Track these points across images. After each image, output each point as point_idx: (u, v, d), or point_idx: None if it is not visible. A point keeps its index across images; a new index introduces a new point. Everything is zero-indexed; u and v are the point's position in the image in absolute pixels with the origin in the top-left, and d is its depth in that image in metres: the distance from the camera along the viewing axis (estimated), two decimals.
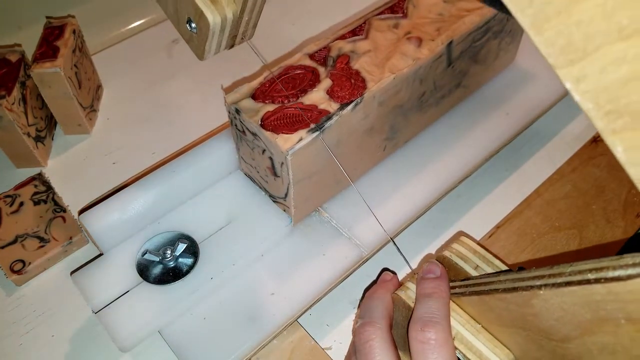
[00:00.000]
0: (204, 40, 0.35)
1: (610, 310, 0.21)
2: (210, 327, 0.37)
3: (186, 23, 0.35)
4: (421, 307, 0.32)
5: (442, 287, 0.32)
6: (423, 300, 0.32)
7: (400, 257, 0.43)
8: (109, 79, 0.60)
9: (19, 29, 0.59)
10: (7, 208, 0.47)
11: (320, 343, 0.40)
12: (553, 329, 0.24)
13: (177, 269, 0.38)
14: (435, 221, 0.48)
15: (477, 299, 0.30)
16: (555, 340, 0.25)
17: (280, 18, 0.66)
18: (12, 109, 0.46)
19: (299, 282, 0.40)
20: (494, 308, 0.29)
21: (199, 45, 0.36)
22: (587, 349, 0.23)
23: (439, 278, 0.33)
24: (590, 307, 0.21)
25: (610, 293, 0.20)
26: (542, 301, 0.24)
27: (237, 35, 0.34)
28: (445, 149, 0.47)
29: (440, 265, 0.34)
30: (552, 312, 0.24)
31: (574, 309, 0.22)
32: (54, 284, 0.44)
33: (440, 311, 0.31)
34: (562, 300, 0.23)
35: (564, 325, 0.23)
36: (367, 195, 0.44)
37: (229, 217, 0.42)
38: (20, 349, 0.41)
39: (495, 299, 0.28)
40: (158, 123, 0.56)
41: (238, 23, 0.33)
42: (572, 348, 0.24)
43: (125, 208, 0.40)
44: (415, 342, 0.30)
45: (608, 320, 0.21)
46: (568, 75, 0.18)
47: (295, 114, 0.36)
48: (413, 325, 0.31)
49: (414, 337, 0.30)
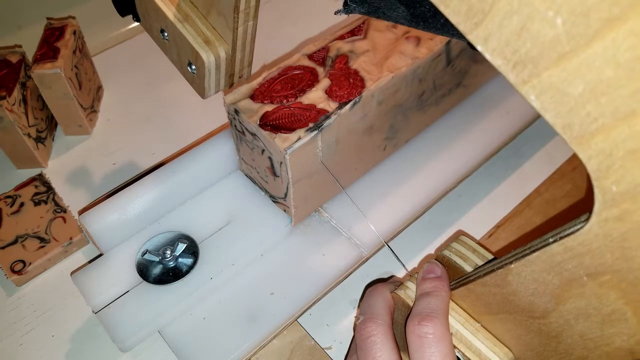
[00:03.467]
0: (203, 79, 0.39)
1: (571, 270, 0.22)
2: (210, 327, 0.37)
3: (187, 66, 0.39)
4: (420, 303, 0.32)
5: (442, 285, 0.32)
6: (422, 298, 0.32)
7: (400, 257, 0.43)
8: (109, 80, 0.60)
9: (19, 29, 0.60)
10: (8, 208, 0.47)
11: (320, 343, 0.40)
12: (533, 306, 0.25)
13: (177, 269, 0.38)
14: (435, 221, 0.48)
15: (465, 290, 0.31)
16: (537, 317, 0.26)
17: (279, 19, 0.66)
18: (12, 110, 0.47)
19: (299, 282, 0.40)
20: (480, 296, 0.29)
21: (199, 85, 0.40)
22: (565, 320, 0.24)
23: (439, 278, 0.33)
24: (555, 271, 0.23)
25: (567, 250, 0.22)
26: (516, 276, 0.25)
27: (234, 74, 0.37)
28: (446, 149, 0.47)
29: (441, 265, 0.34)
30: (527, 286, 0.25)
31: (543, 276, 0.24)
32: (54, 284, 0.45)
33: (439, 307, 0.31)
34: (531, 270, 0.24)
35: (539, 298, 0.25)
36: (367, 194, 0.44)
37: (229, 217, 0.42)
38: (20, 349, 0.41)
39: (478, 285, 0.29)
40: (158, 123, 0.56)
41: (232, 61, 0.36)
42: (553, 323, 0.25)
43: (125, 208, 0.40)
44: (412, 336, 0.30)
45: (573, 282, 0.22)
46: (477, 38, 0.19)
47: (294, 113, 0.36)
48: (411, 319, 0.31)
49: (412, 331, 0.30)
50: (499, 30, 0.18)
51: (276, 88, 0.38)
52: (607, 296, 0.21)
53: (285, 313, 0.38)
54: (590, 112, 0.17)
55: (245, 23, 0.37)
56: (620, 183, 0.18)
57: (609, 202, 0.19)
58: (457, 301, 0.32)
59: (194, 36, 0.37)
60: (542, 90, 0.18)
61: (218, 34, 0.38)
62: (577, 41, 0.16)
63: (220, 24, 0.37)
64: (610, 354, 0.23)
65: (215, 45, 0.37)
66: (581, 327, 0.23)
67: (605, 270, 0.21)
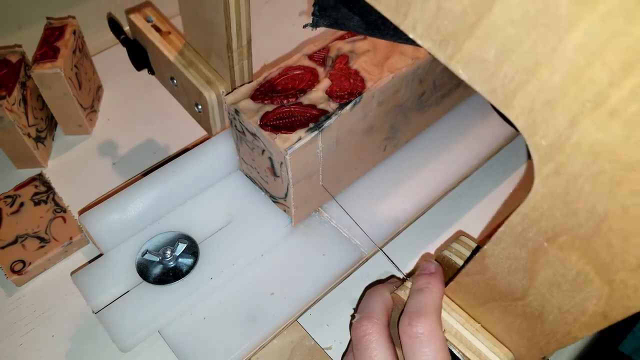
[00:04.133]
0: (208, 116, 0.43)
1: (533, 238, 0.23)
2: (210, 327, 0.37)
3: (195, 106, 0.44)
4: (410, 301, 0.32)
5: (434, 281, 0.33)
6: (413, 295, 0.32)
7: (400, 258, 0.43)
8: (109, 80, 0.60)
9: (19, 29, 0.60)
10: (8, 208, 0.47)
11: (320, 343, 0.40)
12: (511, 286, 0.27)
13: (177, 269, 0.38)
14: (435, 221, 0.48)
15: (455, 285, 0.32)
16: (519, 298, 0.27)
17: (279, 19, 0.66)
18: (12, 110, 0.47)
19: (299, 282, 0.40)
20: (467, 287, 0.30)
21: (206, 122, 0.45)
22: (542, 296, 0.25)
23: (432, 274, 0.33)
24: (520, 243, 0.24)
25: (524, 218, 0.23)
26: (491, 257, 0.27)
27: None
28: (446, 149, 0.47)
29: (435, 263, 0.34)
30: (502, 266, 0.26)
31: (512, 252, 0.25)
32: (54, 284, 0.45)
33: (428, 304, 0.31)
34: (501, 247, 0.25)
35: (515, 276, 0.26)
36: (367, 194, 0.44)
37: (229, 217, 0.42)
38: (20, 349, 0.41)
39: (463, 276, 0.30)
40: (158, 123, 0.56)
41: None
42: (533, 301, 0.26)
43: (125, 208, 0.40)
44: (404, 337, 0.30)
45: (537, 251, 0.23)
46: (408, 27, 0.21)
47: (294, 114, 0.37)
48: (402, 320, 0.31)
49: (403, 331, 0.30)
50: (422, 15, 0.20)
51: (277, 88, 0.38)
52: (569, 259, 0.22)
53: (285, 313, 0.38)
54: (507, 72, 0.19)
55: (241, 62, 0.41)
56: (547, 136, 0.19)
57: (543, 158, 0.20)
58: (453, 298, 0.33)
59: (198, 78, 0.42)
60: (465, 62, 0.20)
61: (218, 74, 0.42)
62: (480, 9, 0.18)
63: (219, 65, 0.42)
64: (588, 323, 0.23)
65: (216, 84, 0.42)
66: (557, 300, 0.24)
67: (560, 230, 0.22)
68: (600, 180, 0.19)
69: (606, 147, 0.18)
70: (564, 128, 0.18)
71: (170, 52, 0.43)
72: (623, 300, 0.21)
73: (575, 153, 0.19)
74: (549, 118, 0.19)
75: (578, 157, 0.19)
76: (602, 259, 0.20)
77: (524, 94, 0.19)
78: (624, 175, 0.18)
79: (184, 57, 0.43)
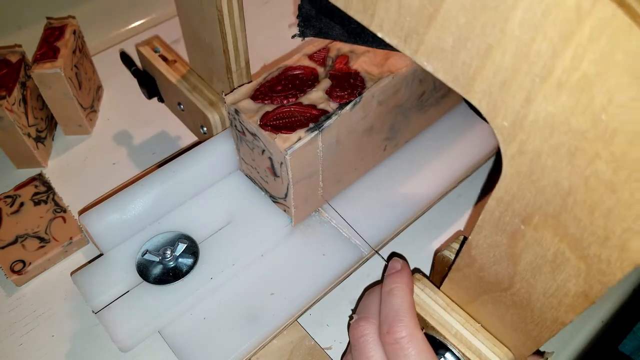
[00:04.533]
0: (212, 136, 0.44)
1: (510, 222, 0.24)
2: (210, 327, 0.37)
3: (200, 128, 0.47)
4: (384, 307, 0.32)
5: (401, 279, 0.33)
6: (385, 300, 0.33)
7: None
8: (109, 80, 0.60)
9: (19, 29, 0.60)
10: (8, 208, 0.47)
11: (320, 343, 0.40)
12: (499, 276, 0.27)
13: (177, 269, 0.38)
14: (435, 221, 0.48)
15: (449, 282, 0.32)
16: (506, 288, 0.27)
17: (280, 18, 0.66)
18: (12, 110, 0.47)
19: (299, 282, 0.40)
20: (459, 283, 0.31)
21: None
22: (527, 282, 0.26)
23: (399, 272, 0.34)
24: (499, 229, 0.25)
25: (499, 202, 0.24)
26: (476, 248, 0.27)
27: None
28: (446, 149, 0.47)
29: (401, 260, 0.35)
30: (487, 255, 0.27)
31: (494, 239, 0.26)
32: (54, 284, 0.45)
33: (402, 306, 0.31)
34: (483, 236, 0.26)
35: (500, 264, 0.27)
36: (367, 194, 0.44)
37: (229, 217, 0.42)
38: (20, 349, 0.41)
39: (454, 271, 0.31)
40: (158, 123, 0.56)
41: None
42: (520, 289, 0.26)
43: (125, 208, 0.40)
44: (387, 346, 0.31)
45: (515, 235, 0.24)
46: (376, 27, 0.23)
47: (294, 114, 0.37)
48: (381, 329, 0.31)
49: (384, 340, 0.31)
50: (386, 13, 0.22)
51: (277, 88, 0.38)
52: (544, 238, 0.23)
53: (285, 313, 0.38)
54: (465, 59, 0.20)
55: (240, 83, 0.43)
56: (507, 117, 0.20)
57: (507, 139, 0.21)
58: (449, 295, 0.33)
59: (201, 101, 0.45)
60: (429, 54, 0.21)
61: (220, 96, 0.45)
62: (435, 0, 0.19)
63: (221, 87, 0.45)
64: (572, 305, 0.24)
65: (219, 106, 0.45)
66: (541, 285, 0.25)
67: (532, 210, 0.22)
68: (559, 154, 0.19)
69: (559, 119, 0.18)
70: (521, 106, 0.19)
71: (176, 78, 0.46)
72: (599, 276, 0.21)
73: (533, 129, 0.20)
74: (506, 99, 0.20)
75: (537, 133, 0.20)
76: (573, 235, 0.21)
77: (482, 79, 0.20)
78: (579, 145, 0.18)
79: (189, 82, 0.46)
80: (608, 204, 0.19)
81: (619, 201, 0.18)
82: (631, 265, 0.20)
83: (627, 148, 0.17)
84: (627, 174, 0.17)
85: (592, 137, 0.18)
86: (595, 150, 0.18)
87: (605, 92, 0.16)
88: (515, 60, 0.18)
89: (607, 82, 0.16)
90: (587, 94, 0.17)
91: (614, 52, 0.16)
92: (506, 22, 0.18)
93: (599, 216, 0.19)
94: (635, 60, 0.15)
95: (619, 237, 0.19)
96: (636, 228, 0.18)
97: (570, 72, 0.17)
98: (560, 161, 0.19)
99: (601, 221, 0.19)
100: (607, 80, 0.16)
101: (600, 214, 0.19)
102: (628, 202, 0.18)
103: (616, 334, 0.59)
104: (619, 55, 0.16)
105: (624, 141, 0.17)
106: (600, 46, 0.16)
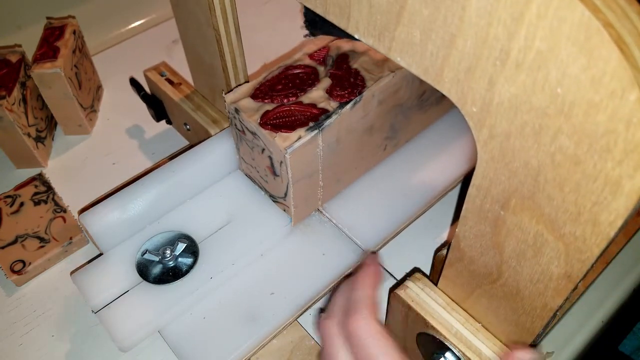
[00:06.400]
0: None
1: (490, 209, 0.24)
2: (210, 327, 0.37)
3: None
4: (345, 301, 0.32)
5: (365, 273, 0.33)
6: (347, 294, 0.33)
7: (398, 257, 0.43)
8: (109, 80, 0.60)
9: (19, 29, 0.60)
10: (8, 208, 0.47)
11: (320, 343, 0.40)
12: (487, 267, 0.28)
13: (177, 269, 0.38)
14: (435, 221, 0.48)
15: (444, 279, 0.32)
16: (497, 279, 0.28)
17: (280, 18, 0.66)
18: (12, 110, 0.47)
19: (299, 282, 0.39)
20: (454, 280, 0.31)
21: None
22: (514, 270, 0.26)
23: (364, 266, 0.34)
24: (482, 217, 0.25)
25: (479, 189, 0.24)
26: (464, 240, 0.28)
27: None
28: (446, 148, 0.47)
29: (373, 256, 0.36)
30: (474, 246, 0.27)
31: (479, 229, 0.26)
32: (54, 284, 0.44)
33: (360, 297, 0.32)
34: (469, 226, 0.27)
35: (488, 255, 0.27)
36: (367, 194, 0.44)
37: (228, 217, 0.42)
38: (20, 349, 0.41)
39: (447, 267, 0.31)
40: (158, 123, 0.56)
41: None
42: (508, 279, 0.27)
43: (125, 208, 0.40)
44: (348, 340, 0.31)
45: (497, 222, 0.25)
46: (353, 28, 0.24)
47: (294, 113, 0.36)
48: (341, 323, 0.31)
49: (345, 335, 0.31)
50: (360, 15, 0.23)
51: (277, 87, 0.38)
52: (523, 222, 0.23)
53: (285, 313, 0.38)
54: (432, 50, 0.21)
55: None
56: (475, 102, 0.21)
57: (477, 125, 0.22)
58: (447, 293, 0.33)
59: (205, 119, 0.47)
60: (400, 49, 0.22)
61: (223, 114, 0.48)
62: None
63: (223, 105, 0.47)
64: (557, 288, 0.24)
65: (222, 123, 0.47)
66: (527, 272, 0.25)
67: (509, 194, 0.23)
68: (525, 134, 0.20)
69: (521, 99, 0.19)
70: (486, 90, 0.20)
71: (181, 99, 0.49)
72: (577, 254, 0.22)
73: (500, 112, 0.20)
74: (472, 84, 0.20)
75: (503, 115, 0.20)
76: (548, 215, 0.22)
77: (449, 68, 0.21)
78: (542, 123, 0.19)
79: (193, 102, 0.49)
80: (575, 178, 0.19)
81: (584, 174, 0.19)
82: (605, 240, 0.20)
83: (584, 119, 0.18)
84: (588, 145, 0.18)
85: (553, 112, 0.18)
86: (557, 126, 0.19)
87: (559, 65, 0.17)
88: (476, 46, 0.19)
89: (559, 56, 0.17)
90: (542, 70, 0.18)
91: (561, 25, 0.16)
92: (464, 11, 0.19)
93: (569, 192, 0.20)
94: (580, 30, 0.16)
95: (590, 211, 0.20)
96: (603, 200, 0.19)
97: (526, 51, 0.18)
98: (526, 141, 0.20)
99: (572, 197, 0.20)
100: (559, 53, 0.17)
101: (569, 189, 0.20)
102: (592, 174, 0.19)
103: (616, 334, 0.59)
104: (566, 27, 0.16)
105: (581, 112, 0.17)
106: (548, 22, 0.17)
